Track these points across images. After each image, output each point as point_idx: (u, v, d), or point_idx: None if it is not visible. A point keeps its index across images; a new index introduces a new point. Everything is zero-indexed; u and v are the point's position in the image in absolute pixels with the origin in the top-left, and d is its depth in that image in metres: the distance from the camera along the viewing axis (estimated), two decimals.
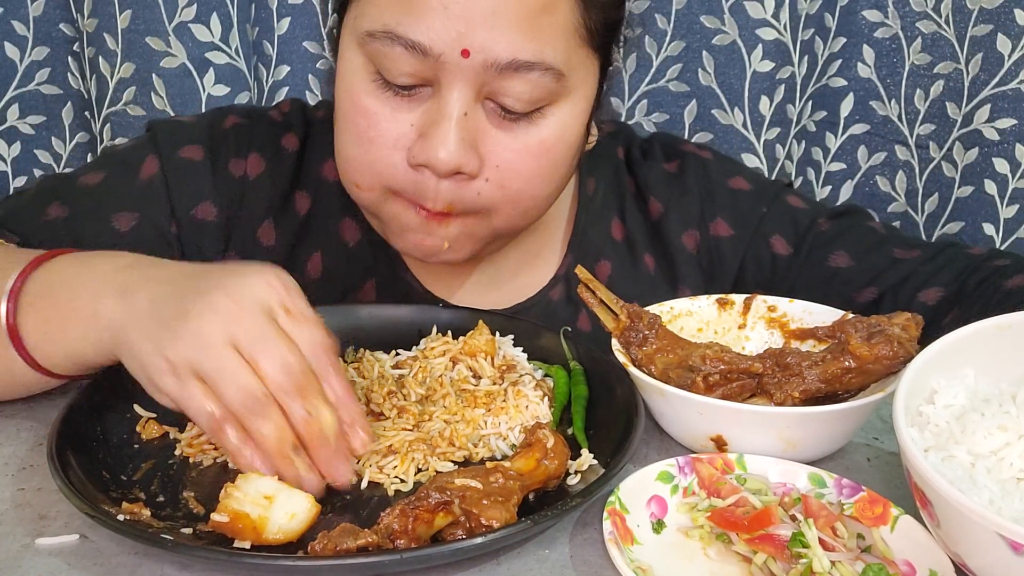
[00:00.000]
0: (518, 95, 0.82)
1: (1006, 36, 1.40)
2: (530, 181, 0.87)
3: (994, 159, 1.45)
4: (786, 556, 0.62)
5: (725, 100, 1.47)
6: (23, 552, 0.63)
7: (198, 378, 0.64)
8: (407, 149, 0.84)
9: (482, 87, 0.82)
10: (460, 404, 0.80)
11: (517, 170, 0.86)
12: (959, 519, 0.57)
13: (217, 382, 0.63)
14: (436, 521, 0.61)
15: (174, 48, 1.39)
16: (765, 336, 0.91)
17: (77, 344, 0.72)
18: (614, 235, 1.08)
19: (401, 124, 0.84)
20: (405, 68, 0.81)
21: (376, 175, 0.86)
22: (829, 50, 1.48)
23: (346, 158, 0.89)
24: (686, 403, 0.75)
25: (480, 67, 0.80)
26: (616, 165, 1.10)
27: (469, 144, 0.82)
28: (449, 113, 0.81)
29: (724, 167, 1.10)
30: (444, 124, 0.81)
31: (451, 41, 0.79)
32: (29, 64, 1.45)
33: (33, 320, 0.73)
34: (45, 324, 0.73)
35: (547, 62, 0.81)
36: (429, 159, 0.82)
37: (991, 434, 0.63)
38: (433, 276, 1.05)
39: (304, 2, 1.42)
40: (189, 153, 0.99)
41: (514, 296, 1.05)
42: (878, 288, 1.00)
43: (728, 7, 1.42)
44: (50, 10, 1.43)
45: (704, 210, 1.07)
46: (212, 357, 0.64)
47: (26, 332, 0.73)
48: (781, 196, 1.07)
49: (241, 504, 0.61)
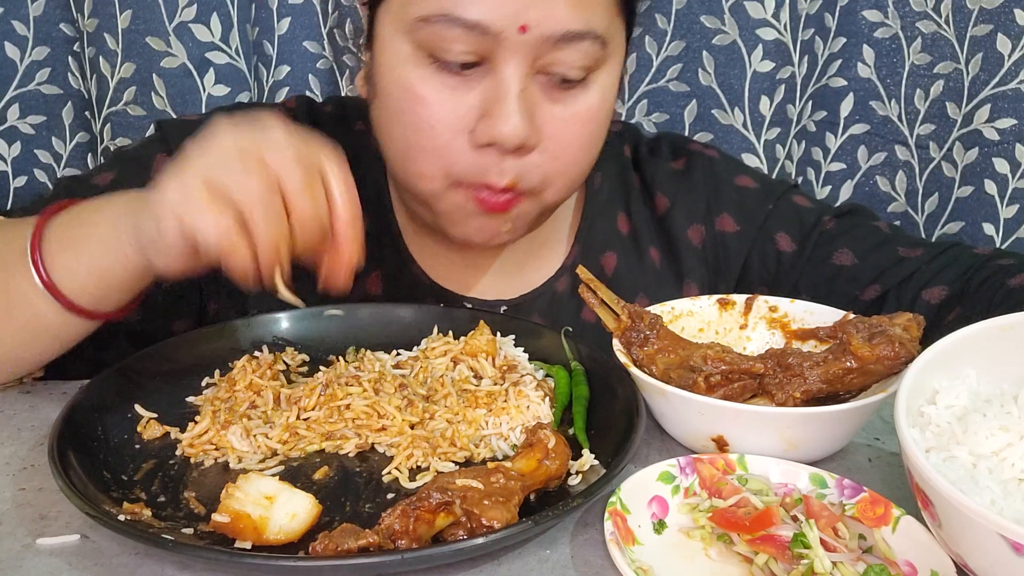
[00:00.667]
0: (570, 64, 0.84)
1: (1006, 36, 1.40)
2: (580, 149, 0.90)
3: (994, 159, 1.45)
4: (787, 557, 0.62)
5: (725, 100, 1.46)
6: (24, 552, 0.63)
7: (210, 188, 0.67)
8: (469, 132, 0.85)
9: (535, 61, 0.83)
10: (461, 404, 0.80)
11: (568, 139, 0.88)
12: (960, 520, 0.57)
13: (233, 177, 0.67)
14: (437, 521, 0.61)
15: (174, 48, 1.39)
16: (766, 336, 0.91)
17: (101, 257, 0.75)
18: (620, 228, 1.09)
19: (460, 107, 0.85)
20: (463, 47, 0.82)
21: (440, 161, 0.87)
22: (829, 50, 1.48)
23: (406, 148, 0.88)
24: (687, 403, 0.75)
25: (536, 41, 0.82)
26: (623, 163, 1.11)
27: (529, 117, 0.84)
28: (510, 89, 0.83)
29: (730, 166, 1.12)
30: (508, 100, 0.83)
31: (509, 18, 0.80)
32: (29, 64, 1.44)
33: (56, 248, 0.76)
34: (67, 249, 0.77)
35: (595, 31, 0.84)
36: (496, 136, 0.83)
37: (993, 435, 0.63)
38: (440, 268, 1.05)
39: (304, 2, 1.42)
40: None
41: (521, 287, 1.06)
42: (882, 286, 1.00)
43: (728, 7, 1.42)
44: (50, 10, 1.42)
45: (710, 206, 1.08)
46: (231, 167, 0.67)
47: (50, 262, 0.76)
48: (788, 195, 1.09)
49: (242, 504, 0.61)
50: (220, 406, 0.80)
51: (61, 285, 0.77)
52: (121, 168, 0.99)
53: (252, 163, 0.67)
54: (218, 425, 0.76)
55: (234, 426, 0.76)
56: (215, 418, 0.77)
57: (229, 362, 0.86)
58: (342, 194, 0.71)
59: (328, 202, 0.70)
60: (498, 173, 0.86)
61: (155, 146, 1.00)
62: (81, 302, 0.78)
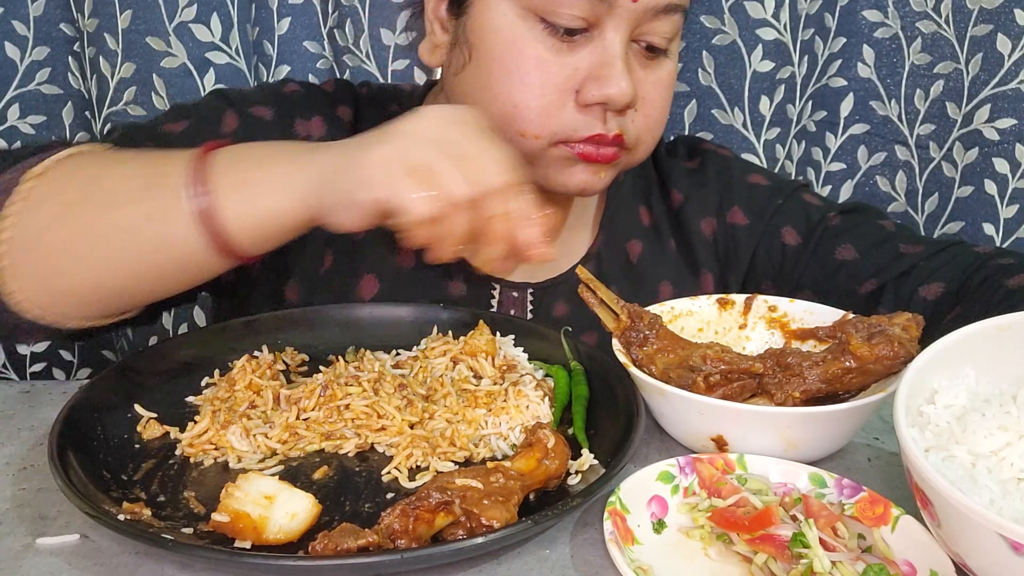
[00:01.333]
0: (663, 34, 0.92)
1: (1006, 36, 1.40)
2: (663, 112, 0.98)
3: (994, 159, 1.45)
4: (787, 556, 0.62)
5: (725, 100, 1.46)
6: (24, 552, 0.63)
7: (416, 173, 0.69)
8: (575, 92, 0.90)
9: (634, 29, 0.90)
10: (461, 404, 0.80)
11: (655, 101, 0.95)
12: (960, 519, 0.57)
13: (447, 172, 0.69)
14: (437, 521, 0.61)
15: (174, 48, 1.39)
16: (766, 336, 0.91)
17: (276, 204, 0.74)
18: (642, 219, 1.13)
19: (567, 68, 0.90)
20: (577, 12, 0.87)
21: (548, 118, 0.90)
22: (829, 50, 1.48)
23: (512, 107, 0.91)
24: (687, 403, 0.75)
25: (643, 10, 0.88)
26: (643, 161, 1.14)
27: (632, 80, 0.90)
28: (616, 52, 0.89)
29: (743, 165, 1.16)
30: (616, 63, 0.89)
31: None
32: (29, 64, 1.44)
33: (224, 186, 0.74)
34: (237, 190, 0.74)
35: (685, 4, 0.92)
36: (608, 96, 0.89)
37: (992, 434, 0.63)
38: None
39: (304, 2, 1.42)
40: (260, 112, 1.01)
41: (548, 271, 1.07)
42: (878, 280, 1.01)
43: (728, 7, 1.42)
44: (50, 10, 1.42)
45: (722, 200, 1.12)
46: (446, 156, 0.70)
47: (214, 200, 0.73)
48: (797, 192, 1.12)
49: (242, 504, 0.62)
50: (220, 406, 0.80)
51: (226, 223, 0.73)
52: (192, 121, 0.98)
53: (467, 166, 0.70)
54: (218, 425, 0.76)
55: (234, 426, 0.76)
56: (215, 418, 0.77)
57: (229, 362, 0.86)
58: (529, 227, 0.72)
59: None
60: (604, 127, 0.91)
61: (221, 104, 1.01)
62: (237, 243, 0.75)
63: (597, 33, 0.89)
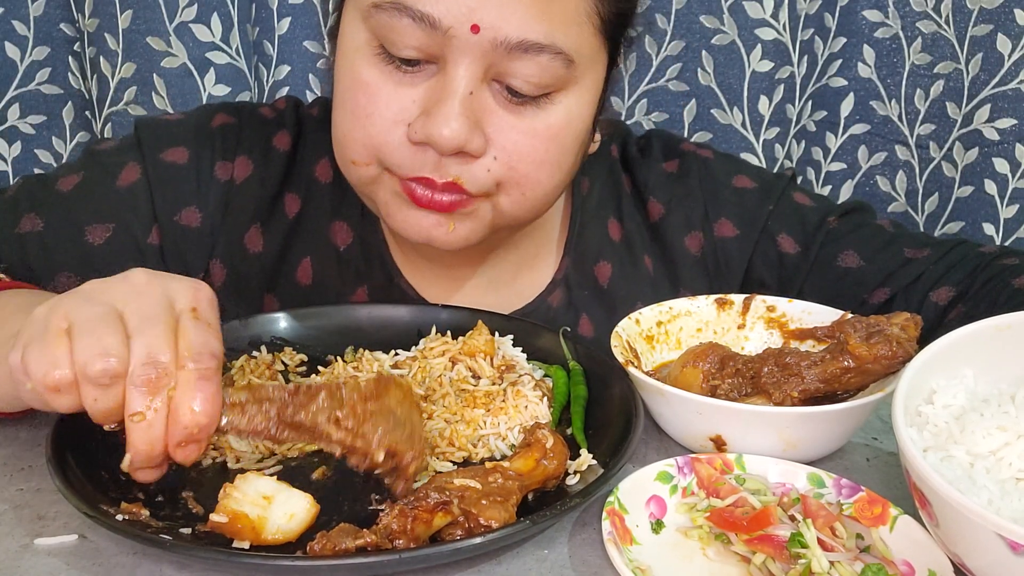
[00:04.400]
0: (526, 77, 0.80)
1: (1006, 36, 1.40)
2: (539, 166, 0.85)
3: (994, 159, 1.45)
4: (785, 556, 0.62)
5: (724, 100, 1.47)
6: (22, 552, 0.63)
7: (67, 334, 0.60)
8: (407, 124, 0.81)
9: (490, 67, 0.79)
10: (459, 404, 0.80)
11: (525, 153, 0.83)
12: (958, 519, 0.57)
13: (83, 334, 0.59)
14: (435, 521, 0.61)
15: (175, 48, 1.39)
16: (764, 336, 0.91)
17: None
18: (612, 235, 1.05)
19: (402, 99, 0.81)
20: (411, 41, 0.79)
21: (373, 149, 0.84)
22: (829, 50, 1.48)
23: (343, 133, 0.86)
24: (685, 403, 0.75)
25: (489, 45, 0.77)
26: (610, 164, 1.08)
27: (474, 123, 0.80)
28: (455, 90, 0.79)
29: (726, 165, 1.08)
30: (449, 101, 0.79)
31: (461, 15, 0.76)
32: (30, 64, 1.45)
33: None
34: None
35: (558, 45, 0.79)
36: (431, 135, 0.79)
37: (990, 434, 0.63)
38: (428, 282, 1.03)
39: (304, 2, 1.42)
40: (173, 156, 0.97)
41: (513, 301, 1.03)
42: (890, 289, 0.98)
43: (727, 7, 1.42)
44: (51, 10, 1.43)
45: (708, 211, 1.05)
46: (91, 314, 0.60)
47: None
48: (787, 193, 1.05)
49: (240, 504, 0.61)
50: None
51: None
52: (88, 174, 0.96)
53: (117, 336, 0.60)
54: None
55: None
56: None
57: (227, 362, 0.86)
58: (198, 408, 0.61)
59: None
60: (434, 170, 0.82)
61: (127, 153, 0.97)
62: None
63: (440, 67, 0.80)
